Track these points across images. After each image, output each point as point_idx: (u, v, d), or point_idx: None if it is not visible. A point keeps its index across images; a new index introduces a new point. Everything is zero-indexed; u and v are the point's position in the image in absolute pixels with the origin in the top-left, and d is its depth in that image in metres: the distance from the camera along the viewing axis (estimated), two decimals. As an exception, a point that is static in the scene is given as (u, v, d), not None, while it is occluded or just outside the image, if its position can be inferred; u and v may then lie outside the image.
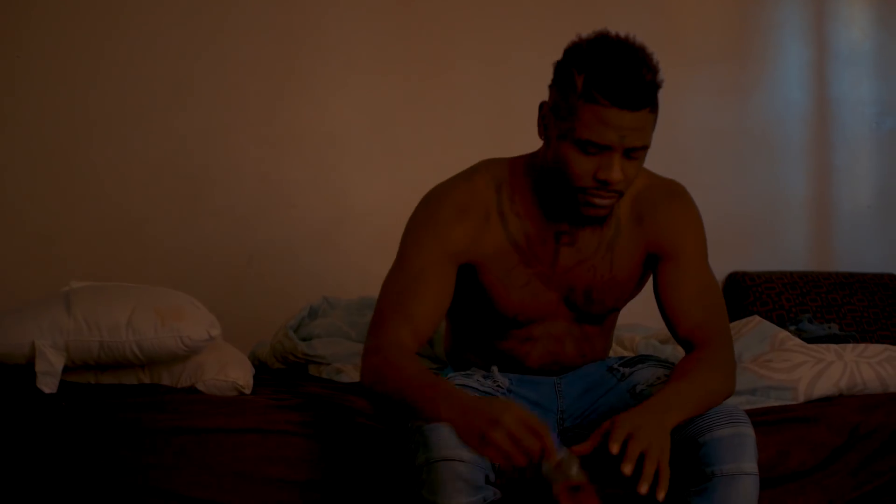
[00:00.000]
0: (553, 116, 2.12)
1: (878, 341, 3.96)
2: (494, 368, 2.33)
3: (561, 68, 2.12)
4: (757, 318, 3.10)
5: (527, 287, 2.26)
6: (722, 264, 4.16)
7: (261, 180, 3.67)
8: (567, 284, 2.28)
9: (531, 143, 2.35)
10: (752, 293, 4.05)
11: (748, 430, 2.04)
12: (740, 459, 2.00)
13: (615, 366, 2.36)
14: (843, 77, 4.44)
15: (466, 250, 2.22)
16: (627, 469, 1.90)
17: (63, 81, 3.44)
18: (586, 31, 3.99)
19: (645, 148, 2.10)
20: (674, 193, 2.33)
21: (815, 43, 4.40)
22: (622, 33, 2.12)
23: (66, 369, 2.46)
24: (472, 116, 3.91)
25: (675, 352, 2.93)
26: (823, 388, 2.68)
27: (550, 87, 2.16)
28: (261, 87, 3.68)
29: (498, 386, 2.30)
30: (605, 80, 2.02)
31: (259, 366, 3.05)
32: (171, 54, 3.55)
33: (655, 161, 4.03)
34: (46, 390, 2.39)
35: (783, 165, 4.36)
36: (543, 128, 2.18)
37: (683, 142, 4.19)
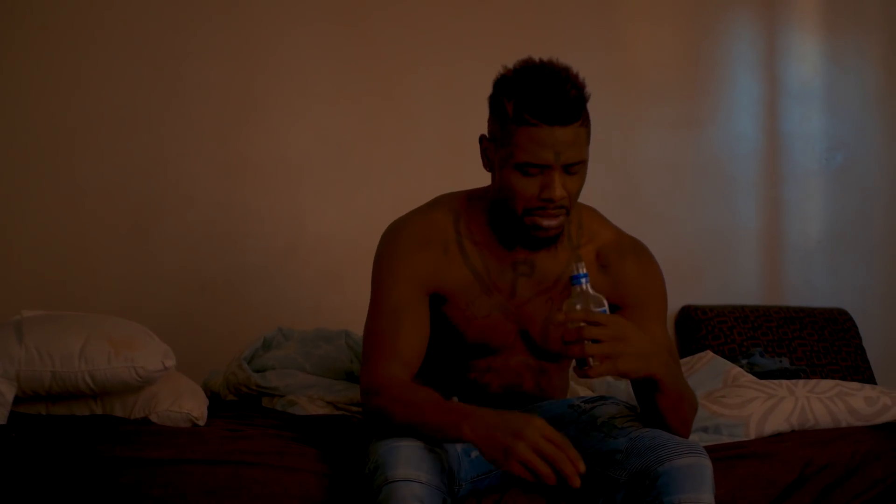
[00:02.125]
0: (493, 146, 2.23)
1: (827, 375, 4.00)
2: (454, 399, 2.33)
3: (493, 99, 2.22)
4: (710, 353, 3.13)
5: (488, 318, 2.31)
6: (674, 298, 4.13)
7: (214, 208, 3.65)
8: (525, 317, 2.32)
9: (485, 176, 2.37)
10: (703, 327, 4.07)
11: (706, 462, 2.04)
12: (699, 490, 2.00)
13: (576, 403, 2.37)
14: (793, 112, 4.49)
15: (432, 280, 2.28)
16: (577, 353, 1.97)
17: (12, 107, 3.41)
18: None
19: (583, 163, 2.17)
20: (640, 250, 2.39)
21: (767, 78, 4.45)
22: (545, 57, 2.20)
23: (17, 399, 2.43)
24: (427, 146, 3.92)
25: (628, 388, 2.94)
26: (775, 423, 2.69)
27: (488, 119, 2.25)
28: (215, 115, 3.66)
29: None
30: (533, 101, 2.11)
31: (211, 396, 3.02)
32: (125, 81, 3.53)
33: (609, 194, 4.11)
34: (-4, 421, 2.36)
35: (735, 199, 4.40)
36: (487, 159, 2.27)
37: (636, 175, 4.22)
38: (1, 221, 3.39)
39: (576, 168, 2.16)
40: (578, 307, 2.00)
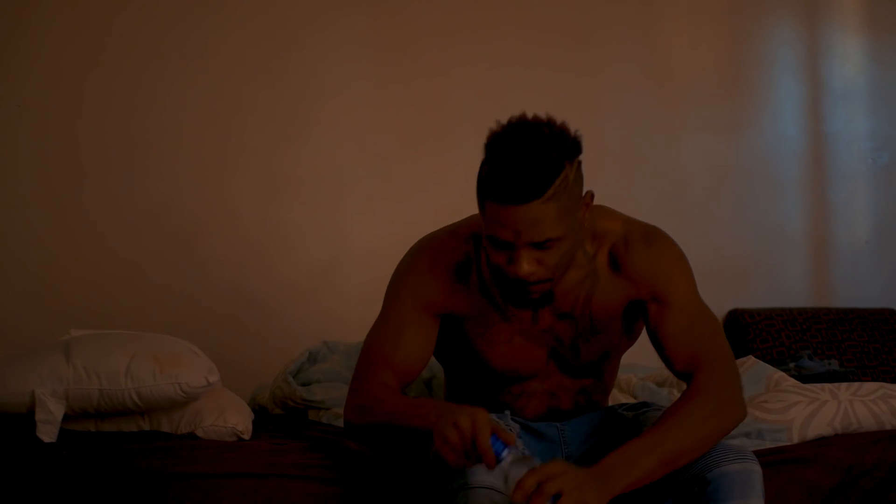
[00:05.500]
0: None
1: (878, 377, 3.97)
2: (507, 413, 2.32)
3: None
4: (752, 358, 3.11)
5: (510, 344, 2.27)
6: (721, 302, 4.17)
7: (259, 224, 3.69)
8: (553, 338, 2.27)
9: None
10: (751, 330, 4.05)
11: (755, 467, 2.03)
12: (748, 496, 1.99)
13: (620, 411, 2.36)
14: (838, 113, 4.46)
15: (442, 302, 2.25)
16: None
17: (60, 127, 3.46)
18: (584, 73, 4.06)
19: (557, 239, 2.01)
20: (650, 238, 2.26)
21: (810, 80, 4.43)
22: (541, 116, 2.08)
23: (66, 417, 2.46)
24: (469, 156, 3.88)
25: (670, 395, 2.94)
26: (818, 427, 2.67)
27: None
28: (258, 131, 3.70)
29: (509, 430, 2.30)
30: (492, 177, 1.99)
31: (259, 411, 3.05)
32: (169, 99, 3.57)
33: (654, 199, 4.10)
34: (46, 439, 2.39)
35: (780, 202, 4.38)
36: None
37: (680, 179, 4.21)
38: (49, 241, 3.44)
39: (551, 244, 2.02)
40: (511, 476, 1.88)
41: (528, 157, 1.97)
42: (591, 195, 2.12)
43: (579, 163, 2.05)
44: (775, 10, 4.41)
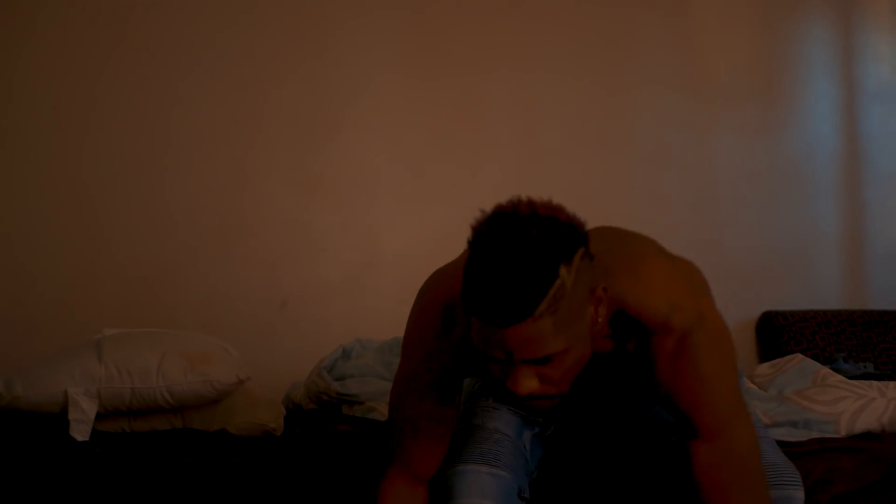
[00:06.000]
0: None
1: (914, 380, 3.93)
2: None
3: None
4: (800, 355, 3.16)
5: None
6: (755, 303, 4.15)
7: (292, 225, 3.69)
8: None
9: (560, 186, 2.34)
10: (785, 332, 4.02)
11: (798, 494, 1.96)
12: None
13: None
14: (872, 114, 4.43)
15: (458, 356, 1.97)
16: None
17: (94, 128, 3.47)
18: (617, 75, 4.04)
19: (559, 353, 1.70)
20: (691, 344, 1.87)
21: (844, 80, 4.40)
22: (534, 200, 1.70)
23: (98, 416, 2.48)
24: (501, 160, 3.92)
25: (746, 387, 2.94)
26: (866, 422, 2.70)
27: None
28: (292, 135, 3.70)
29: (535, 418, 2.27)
30: (472, 297, 1.67)
31: (294, 408, 3.07)
32: (202, 102, 3.58)
33: (687, 202, 4.07)
34: (79, 438, 2.40)
35: (815, 203, 4.35)
36: None
37: (714, 180, 4.19)
38: (83, 241, 3.44)
39: (550, 359, 1.71)
40: None
41: (512, 273, 1.63)
42: (602, 288, 1.77)
43: (582, 254, 1.70)
44: (809, 12, 4.38)
